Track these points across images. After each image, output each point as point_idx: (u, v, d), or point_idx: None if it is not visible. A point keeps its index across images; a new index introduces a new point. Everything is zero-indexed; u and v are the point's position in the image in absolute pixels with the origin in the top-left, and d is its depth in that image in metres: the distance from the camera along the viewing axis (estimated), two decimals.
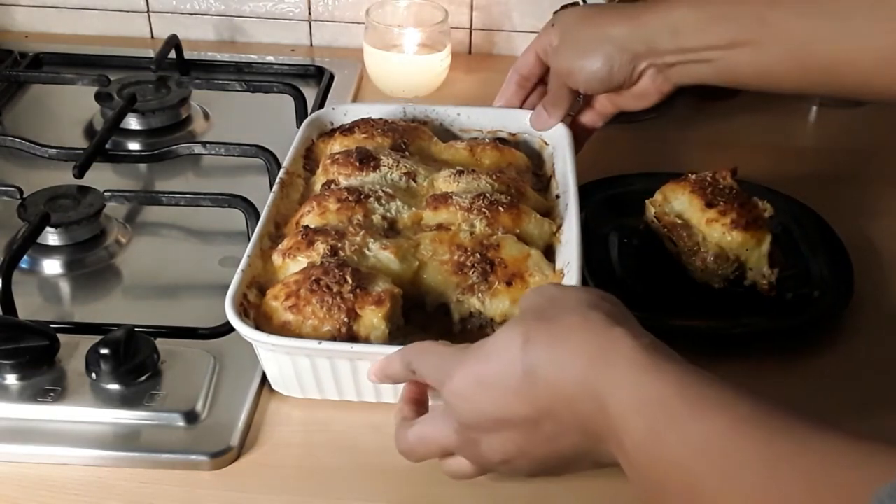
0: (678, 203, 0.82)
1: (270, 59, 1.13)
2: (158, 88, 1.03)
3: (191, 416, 0.65)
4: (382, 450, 0.66)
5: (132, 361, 0.66)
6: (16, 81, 1.07)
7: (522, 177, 0.82)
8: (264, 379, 0.70)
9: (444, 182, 0.78)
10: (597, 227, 0.85)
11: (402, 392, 0.62)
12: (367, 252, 0.69)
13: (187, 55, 1.10)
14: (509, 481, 0.64)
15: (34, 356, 0.67)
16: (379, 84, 1.09)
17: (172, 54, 1.08)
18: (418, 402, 0.62)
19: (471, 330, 0.69)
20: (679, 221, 0.81)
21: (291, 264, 0.69)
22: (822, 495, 0.41)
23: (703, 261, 0.79)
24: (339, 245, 0.69)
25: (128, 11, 1.19)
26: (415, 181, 0.78)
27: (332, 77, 1.09)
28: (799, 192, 0.90)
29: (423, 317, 0.70)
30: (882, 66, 0.67)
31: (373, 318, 0.64)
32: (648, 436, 0.47)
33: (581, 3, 1.04)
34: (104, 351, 0.65)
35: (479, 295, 0.68)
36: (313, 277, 0.65)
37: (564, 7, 1.09)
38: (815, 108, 1.09)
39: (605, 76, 0.78)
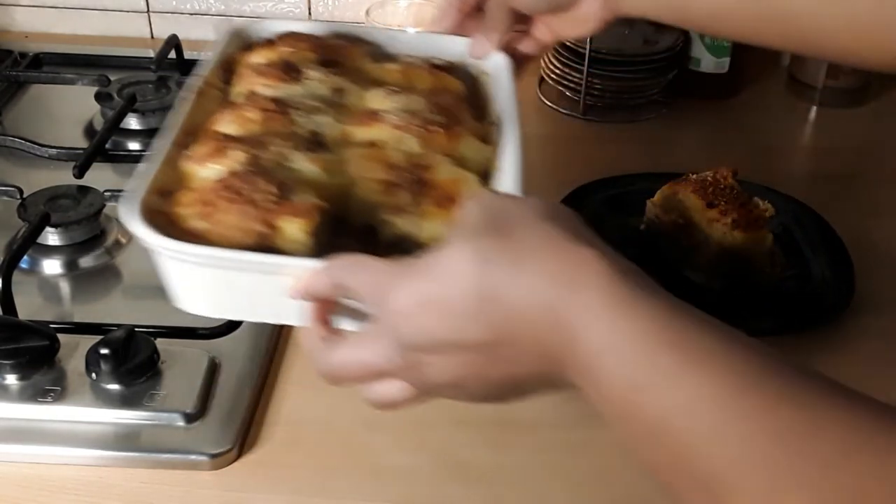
0: (679, 203, 0.82)
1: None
2: (158, 88, 1.03)
3: (191, 416, 0.65)
4: (382, 450, 0.66)
5: (132, 361, 0.66)
6: (16, 81, 1.07)
7: (463, 103, 0.75)
8: (264, 379, 0.70)
9: (375, 100, 0.72)
10: (597, 227, 0.85)
11: (312, 311, 0.55)
12: (290, 164, 0.63)
13: (187, 55, 1.10)
14: (510, 482, 0.64)
15: (34, 356, 0.67)
16: None
17: (172, 54, 1.08)
18: (328, 323, 0.56)
19: (398, 255, 0.60)
20: (680, 221, 0.81)
21: (203, 172, 0.62)
22: (840, 479, 0.37)
23: (704, 261, 0.79)
24: (259, 154, 0.63)
25: (128, 11, 1.19)
26: (343, 97, 0.72)
27: None
28: (799, 192, 0.90)
29: (345, 238, 0.63)
30: (852, 30, 0.64)
31: (294, 230, 0.58)
32: (628, 385, 0.43)
33: None
34: (104, 351, 0.65)
35: (409, 216, 0.62)
36: (230, 184, 0.59)
37: None
38: (815, 108, 1.09)
39: None
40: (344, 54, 0.77)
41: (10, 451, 0.64)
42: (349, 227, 0.62)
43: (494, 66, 0.78)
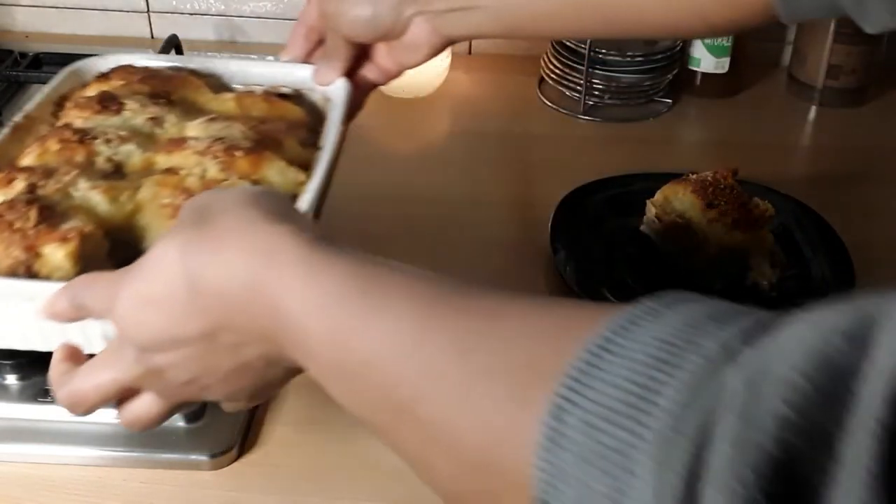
0: (679, 203, 0.82)
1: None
2: None
3: (191, 416, 0.65)
4: (382, 450, 0.66)
5: None
6: (16, 81, 1.07)
7: (295, 131, 0.76)
8: None
9: (194, 129, 0.73)
10: (598, 227, 0.85)
11: (56, 353, 0.55)
12: (73, 192, 0.64)
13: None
14: None
15: (34, 356, 0.67)
16: None
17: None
18: (77, 360, 0.54)
19: None
20: (680, 221, 0.81)
21: None
22: (519, 372, 0.38)
23: (704, 261, 0.79)
24: (41, 183, 0.64)
25: (128, 11, 1.19)
26: (161, 127, 0.74)
27: None
28: (799, 192, 0.90)
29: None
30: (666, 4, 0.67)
31: (58, 255, 0.59)
32: (331, 340, 0.44)
33: None
34: None
35: None
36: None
37: None
38: (814, 108, 1.09)
39: (369, 20, 0.72)
40: (177, 86, 0.79)
41: (10, 451, 0.65)
42: (140, 253, 0.62)
43: (333, 93, 0.79)
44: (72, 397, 0.51)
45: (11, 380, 0.67)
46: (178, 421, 0.65)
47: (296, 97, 0.81)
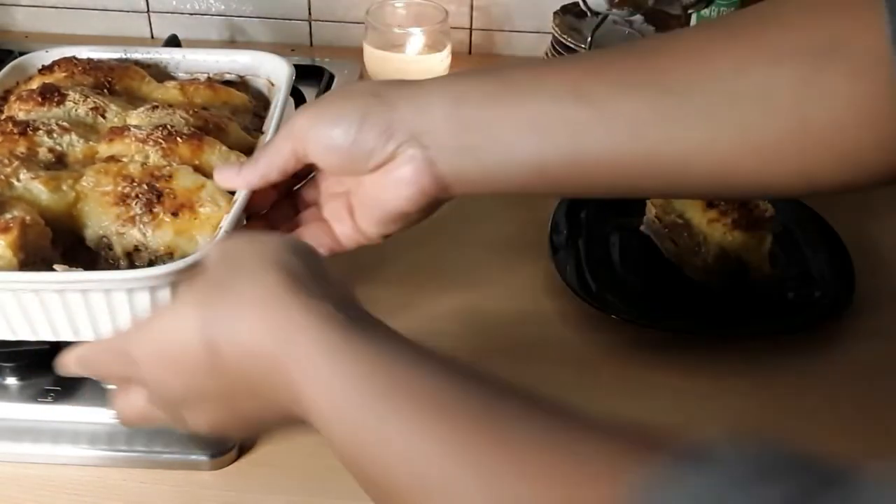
0: (679, 203, 0.82)
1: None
2: None
3: None
4: None
5: None
6: None
7: (239, 116, 0.78)
8: None
9: (136, 118, 0.74)
10: (598, 226, 0.85)
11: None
12: (15, 182, 0.65)
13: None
14: None
15: (35, 357, 0.67)
16: None
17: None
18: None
19: (140, 267, 0.65)
20: (680, 221, 0.81)
21: None
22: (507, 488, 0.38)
23: (704, 261, 0.79)
24: None
25: (128, 11, 1.19)
26: (103, 117, 0.75)
27: (332, 77, 1.09)
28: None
29: (88, 254, 0.66)
30: (753, 153, 0.53)
31: None
32: (351, 441, 0.44)
33: (581, 3, 1.04)
34: None
35: (142, 226, 0.64)
36: None
37: (564, 7, 1.09)
38: None
39: (345, 146, 0.58)
40: (120, 76, 0.80)
41: (10, 451, 0.65)
42: (84, 241, 0.66)
43: (278, 78, 0.81)
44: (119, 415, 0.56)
45: (11, 380, 0.67)
46: None
47: (240, 84, 0.84)
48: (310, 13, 1.18)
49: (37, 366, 0.67)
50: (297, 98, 1.00)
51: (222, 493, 0.63)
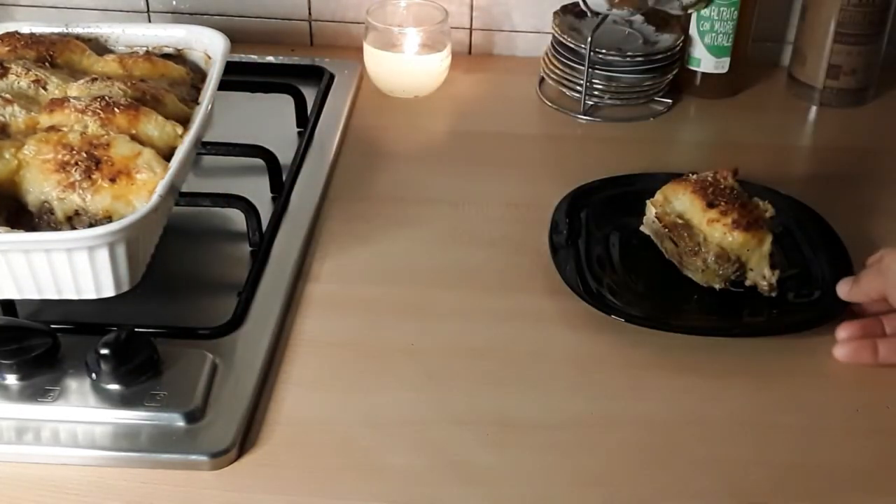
0: (679, 203, 0.82)
1: (270, 59, 1.13)
2: None
3: (191, 416, 0.65)
4: (382, 450, 0.66)
5: (132, 362, 0.66)
6: None
7: (177, 88, 0.82)
8: (264, 379, 0.70)
9: (76, 89, 0.78)
10: (598, 226, 0.85)
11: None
12: None
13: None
14: (510, 482, 0.64)
15: (35, 356, 0.67)
16: (379, 84, 1.09)
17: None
18: None
19: (76, 228, 0.70)
20: (680, 222, 0.81)
21: None
22: None
23: (704, 261, 0.79)
24: None
25: (127, 11, 1.19)
26: (45, 89, 0.79)
27: (332, 77, 1.09)
28: (799, 192, 0.90)
29: (30, 219, 0.71)
30: None
31: None
32: None
33: (581, 3, 1.04)
34: (104, 351, 0.65)
35: (81, 192, 0.69)
36: None
37: (564, 7, 1.09)
38: (815, 108, 1.09)
39: None
40: (62, 50, 0.85)
41: (10, 451, 0.64)
42: (27, 207, 0.71)
43: (214, 51, 0.86)
44: None
45: (12, 380, 0.67)
46: (178, 421, 0.65)
47: (178, 57, 0.89)
48: (310, 13, 1.18)
49: (37, 366, 0.67)
50: (298, 98, 1.01)
51: (222, 493, 0.63)
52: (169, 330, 0.72)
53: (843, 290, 0.76)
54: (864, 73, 1.07)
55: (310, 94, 1.04)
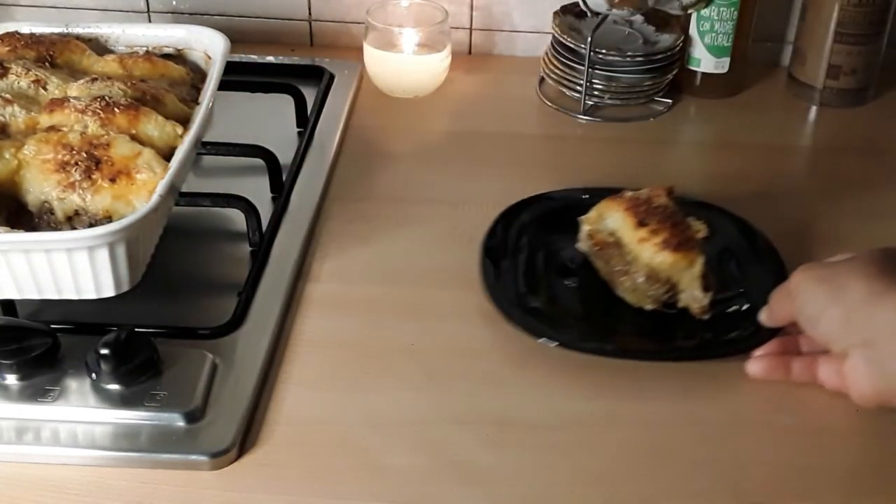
0: (612, 221, 0.78)
1: (270, 59, 1.13)
2: None
3: (191, 416, 0.65)
4: (382, 450, 0.66)
5: (132, 362, 0.66)
6: None
7: (177, 88, 0.83)
8: (264, 379, 0.70)
9: (76, 90, 0.79)
10: (535, 243, 0.83)
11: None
12: None
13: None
14: (510, 482, 0.64)
15: (35, 356, 0.67)
16: (379, 84, 1.09)
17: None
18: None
19: (76, 227, 0.70)
20: (611, 240, 0.78)
21: None
22: None
23: (634, 281, 0.76)
24: None
25: (127, 11, 1.19)
26: (45, 89, 0.79)
27: (332, 77, 1.09)
28: (799, 192, 0.90)
29: (30, 219, 0.71)
30: None
31: None
32: None
33: (581, 3, 1.04)
34: (104, 351, 0.65)
35: (81, 192, 0.69)
36: None
37: (564, 7, 1.09)
38: (815, 108, 1.09)
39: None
40: (62, 50, 0.85)
41: (9, 451, 0.64)
42: (27, 207, 0.71)
43: (214, 51, 0.86)
44: None
45: (12, 380, 0.67)
46: (178, 421, 0.65)
47: (178, 57, 0.89)
48: (310, 13, 1.18)
49: (37, 366, 0.67)
50: (298, 98, 1.01)
51: (222, 493, 0.63)
52: (169, 330, 0.72)
53: (762, 316, 0.73)
54: (864, 73, 1.07)
55: (310, 94, 1.04)
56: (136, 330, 0.68)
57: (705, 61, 1.08)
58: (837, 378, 0.68)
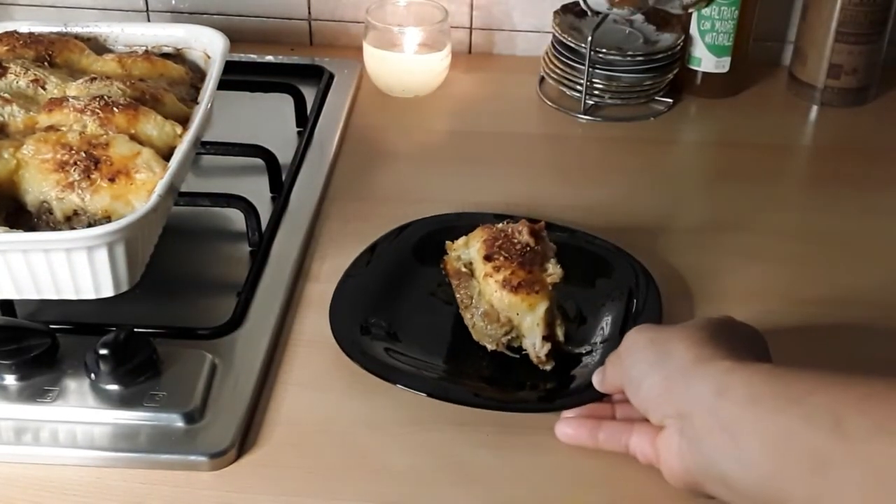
0: (473, 251, 0.74)
1: (270, 58, 1.13)
2: None
3: (190, 417, 0.65)
4: (382, 450, 0.66)
5: (131, 362, 0.66)
6: None
7: (176, 87, 0.83)
8: (264, 379, 0.70)
9: (75, 89, 0.79)
10: (411, 266, 0.80)
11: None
12: None
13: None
14: (510, 482, 0.63)
15: (34, 357, 0.67)
16: (379, 83, 1.09)
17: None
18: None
19: (75, 227, 0.70)
20: (464, 270, 0.74)
21: None
22: None
23: (472, 316, 0.72)
24: None
25: (126, 10, 1.19)
26: (44, 89, 0.79)
27: (332, 77, 1.09)
28: (799, 192, 0.90)
29: (29, 219, 0.71)
30: None
31: None
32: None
33: (581, 2, 1.04)
34: (103, 351, 0.65)
35: (80, 192, 0.69)
36: None
37: (565, 7, 1.09)
38: (815, 107, 1.09)
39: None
40: (60, 49, 0.86)
41: (9, 451, 0.64)
42: (26, 206, 0.71)
43: (214, 51, 0.86)
44: None
45: (11, 380, 0.67)
46: (177, 421, 0.65)
47: (177, 56, 0.89)
48: (310, 13, 1.18)
49: (36, 366, 0.67)
50: (297, 97, 1.00)
51: (222, 493, 0.63)
52: (168, 330, 0.72)
53: (595, 380, 0.66)
54: (865, 72, 1.07)
55: (309, 94, 1.04)
56: (135, 330, 0.68)
57: (706, 61, 1.07)
58: (651, 450, 0.61)
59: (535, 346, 0.70)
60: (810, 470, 0.50)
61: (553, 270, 0.71)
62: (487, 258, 0.71)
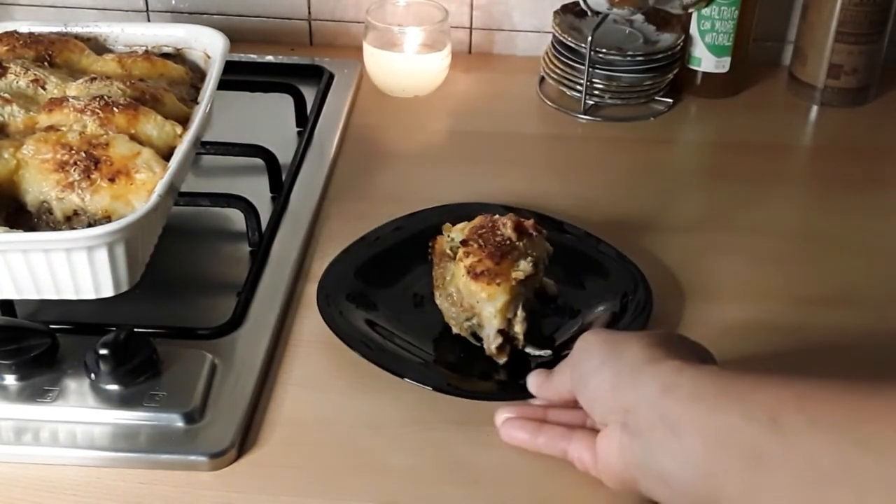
0: (459, 235, 0.75)
1: (270, 58, 1.13)
2: None
3: (190, 417, 0.65)
4: (382, 450, 0.66)
5: (131, 362, 0.66)
6: None
7: (176, 87, 0.83)
8: (264, 379, 0.70)
9: (75, 89, 0.79)
10: (401, 254, 0.81)
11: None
12: None
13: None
14: (509, 482, 0.63)
15: (34, 357, 0.67)
16: (379, 83, 1.09)
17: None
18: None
19: (75, 227, 0.70)
20: (448, 253, 0.74)
21: None
22: None
23: (440, 296, 0.73)
24: None
25: (126, 10, 1.19)
26: (44, 89, 0.80)
27: (332, 77, 1.09)
28: (800, 192, 0.90)
29: (29, 219, 0.71)
30: None
31: None
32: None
33: (581, 2, 1.04)
34: (103, 351, 0.65)
35: (80, 192, 0.69)
36: None
37: (565, 6, 1.09)
38: (815, 107, 1.09)
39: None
40: (60, 49, 0.86)
41: (9, 451, 0.64)
42: (26, 207, 0.71)
43: (214, 51, 0.86)
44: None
45: (10, 380, 0.67)
46: (177, 421, 0.65)
47: (177, 56, 0.89)
48: (310, 13, 1.18)
49: (36, 366, 0.67)
50: (297, 97, 1.00)
51: (222, 493, 0.63)
52: (168, 330, 0.72)
53: (533, 382, 0.66)
54: (866, 72, 1.07)
55: (309, 94, 1.04)
56: (135, 330, 0.68)
57: (706, 61, 1.07)
58: (588, 456, 0.60)
59: (490, 336, 0.70)
60: (747, 465, 0.50)
61: (523, 267, 0.70)
62: (464, 243, 0.72)
